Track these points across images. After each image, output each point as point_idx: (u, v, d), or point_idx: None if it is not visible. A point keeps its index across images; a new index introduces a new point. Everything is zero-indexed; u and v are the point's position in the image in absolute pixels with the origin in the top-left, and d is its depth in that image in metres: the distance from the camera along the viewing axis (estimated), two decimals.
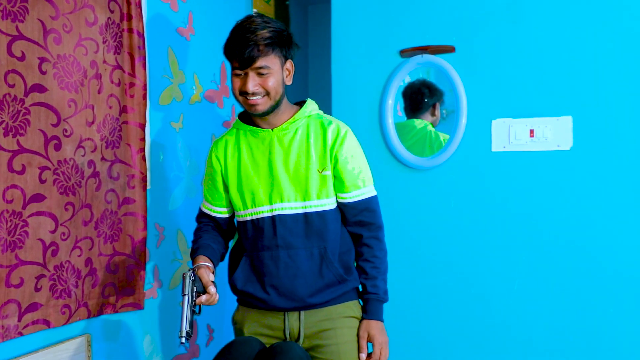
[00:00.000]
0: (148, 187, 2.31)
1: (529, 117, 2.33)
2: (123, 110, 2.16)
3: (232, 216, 1.98)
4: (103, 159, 2.08)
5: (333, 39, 2.71)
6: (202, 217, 2.03)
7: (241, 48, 1.70)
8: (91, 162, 2.03)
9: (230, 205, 1.95)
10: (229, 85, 2.84)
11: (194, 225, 2.57)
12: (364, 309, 1.89)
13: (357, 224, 1.89)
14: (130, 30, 2.17)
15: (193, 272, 1.67)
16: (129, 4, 2.16)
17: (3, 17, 1.72)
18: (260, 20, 1.75)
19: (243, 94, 1.76)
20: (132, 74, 2.18)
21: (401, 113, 2.63)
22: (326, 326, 1.83)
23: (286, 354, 1.58)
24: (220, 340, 2.78)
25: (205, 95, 2.68)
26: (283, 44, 1.77)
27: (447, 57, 2.46)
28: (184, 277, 1.64)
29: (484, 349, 2.46)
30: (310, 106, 1.89)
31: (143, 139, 2.22)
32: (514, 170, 2.37)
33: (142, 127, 2.21)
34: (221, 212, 1.98)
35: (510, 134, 2.36)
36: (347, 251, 1.89)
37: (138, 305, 2.23)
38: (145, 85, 2.22)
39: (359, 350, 1.84)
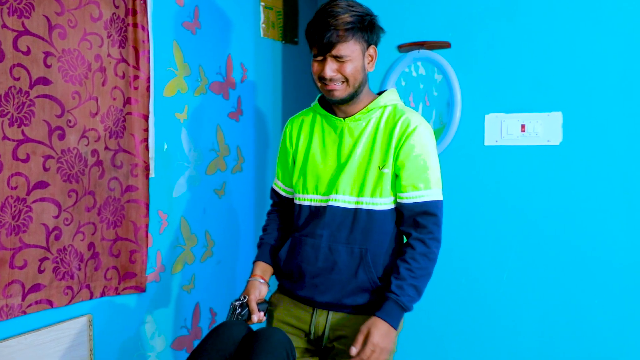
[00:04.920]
0: (151, 176, 2.40)
1: (520, 113, 2.37)
2: (127, 101, 2.25)
3: None
4: (107, 148, 2.17)
5: None
6: (272, 195, 2.02)
7: (320, 33, 1.64)
8: (94, 151, 2.13)
9: None
10: (235, 77, 2.92)
11: (197, 212, 2.68)
12: (380, 306, 1.72)
13: (409, 224, 1.76)
14: (135, 25, 2.25)
15: (241, 304, 1.79)
16: None
17: (10, 13, 1.82)
18: (344, 3, 1.67)
19: (321, 79, 1.70)
20: (137, 67, 2.27)
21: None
22: (350, 335, 1.77)
23: (268, 339, 1.62)
24: None
25: (211, 87, 2.76)
26: (365, 29, 1.68)
27: (443, 52, 2.51)
28: (231, 307, 1.79)
29: (475, 340, 2.52)
30: (388, 96, 1.79)
31: (146, 129, 2.31)
32: (506, 164, 2.42)
33: (146, 117, 2.30)
34: (288, 192, 1.96)
35: (503, 129, 2.41)
36: (393, 256, 1.79)
37: (140, 288, 2.33)
38: (149, 78, 2.30)
39: (353, 343, 1.67)
